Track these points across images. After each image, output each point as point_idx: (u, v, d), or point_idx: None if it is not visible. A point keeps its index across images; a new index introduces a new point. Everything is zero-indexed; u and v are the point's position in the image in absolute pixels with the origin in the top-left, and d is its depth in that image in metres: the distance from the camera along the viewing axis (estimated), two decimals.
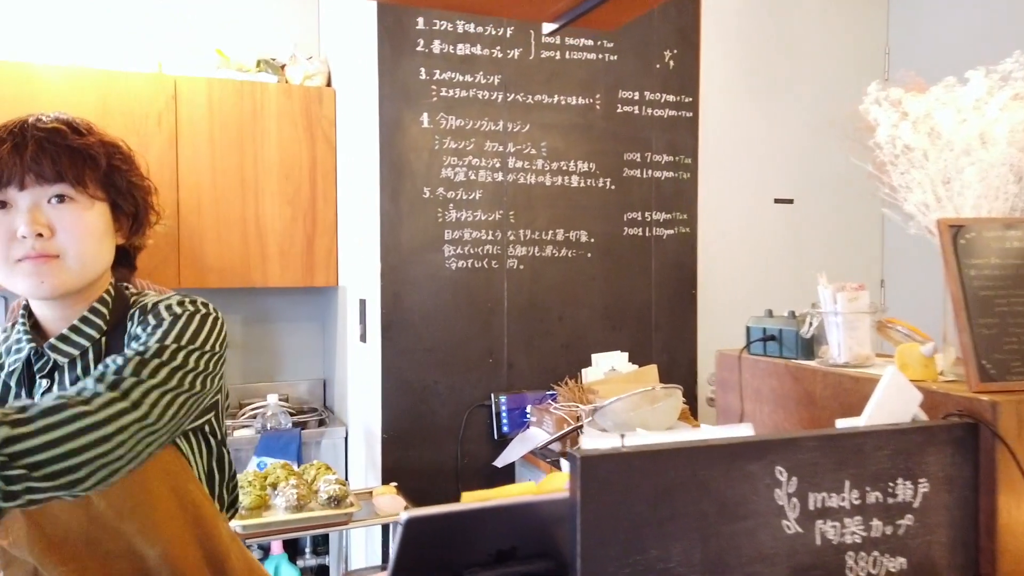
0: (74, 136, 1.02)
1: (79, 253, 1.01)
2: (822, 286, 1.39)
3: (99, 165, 1.03)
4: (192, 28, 3.25)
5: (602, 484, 0.90)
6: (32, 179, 0.98)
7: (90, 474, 0.87)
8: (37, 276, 0.99)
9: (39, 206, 0.99)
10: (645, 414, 2.31)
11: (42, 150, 0.98)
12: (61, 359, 1.04)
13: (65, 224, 1.00)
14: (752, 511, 0.97)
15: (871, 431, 1.04)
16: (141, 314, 1.07)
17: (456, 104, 2.66)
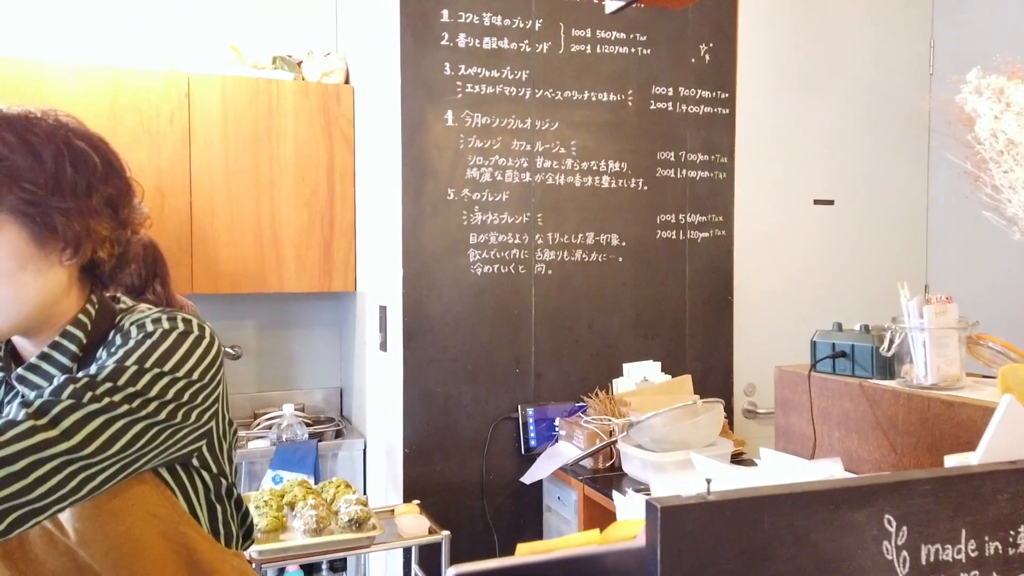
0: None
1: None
2: (904, 298, 1.24)
3: (14, 181, 0.83)
4: (206, 24, 3.14)
5: (686, 538, 0.76)
6: None
7: (1, 516, 0.74)
8: None
9: None
10: (685, 430, 2.17)
11: None
12: (28, 392, 0.89)
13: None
14: (856, 568, 0.83)
15: (989, 471, 0.89)
16: (115, 334, 0.93)
17: (482, 101, 2.53)
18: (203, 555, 0.95)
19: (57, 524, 0.88)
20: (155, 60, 2.90)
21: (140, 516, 0.89)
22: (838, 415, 1.38)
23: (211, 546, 0.96)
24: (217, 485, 1.00)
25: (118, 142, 2.83)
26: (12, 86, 2.63)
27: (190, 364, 0.90)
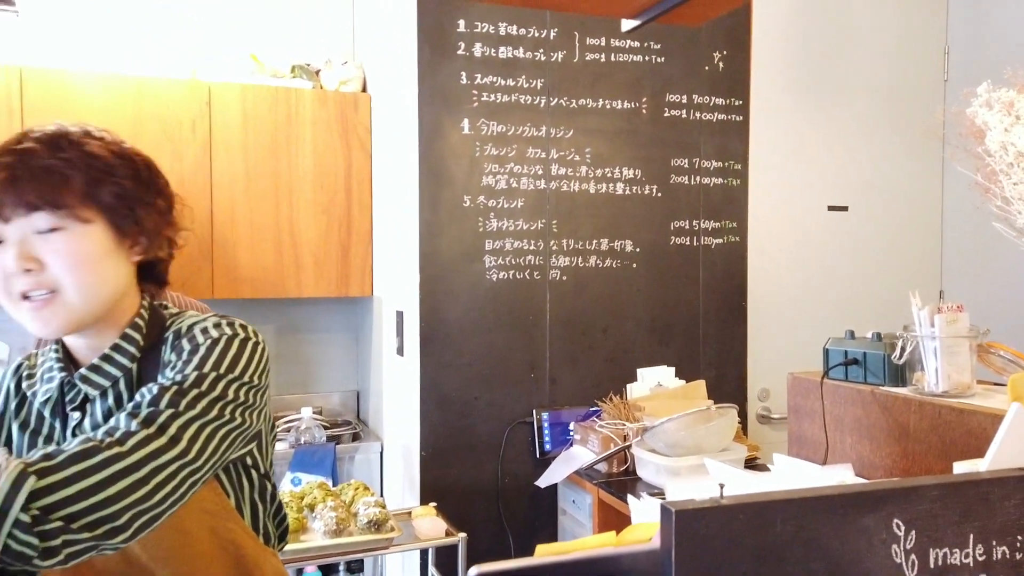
0: (47, 154, 0.90)
1: (77, 285, 0.91)
2: (916, 306, 1.26)
3: (72, 183, 0.90)
4: (227, 34, 3.19)
5: (700, 541, 0.79)
6: (11, 211, 0.88)
7: (130, 521, 0.80)
8: (40, 320, 0.91)
9: (27, 239, 0.89)
10: (699, 435, 2.19)
11: (12, 178, 0.88)
12: (92, 391, 0.96)
13: (56, 255, 0.90)
14: (866, 571, 0.85)
15: (997, 477, 0.91)
16: (175, 338, 0.98)
17: (498, 109, 2.57)
18: (247, 552, 0.99)
19: None
20: (177, 69, 2.96)
21: (192, 512, 0.93)
22: (850, 421, 1.40)
23: (255, 544, 1.00)
24: (262, 485, 1.04)
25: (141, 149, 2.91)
26: (40, 95, 2.69)
27: (252, 368, 0.97)
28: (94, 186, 0.92)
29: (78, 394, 0.97)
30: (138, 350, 0.98)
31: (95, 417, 0.96)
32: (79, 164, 0.92)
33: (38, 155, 0.90)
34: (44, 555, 0.75)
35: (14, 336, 3.00)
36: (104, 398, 0.97)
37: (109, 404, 0.96)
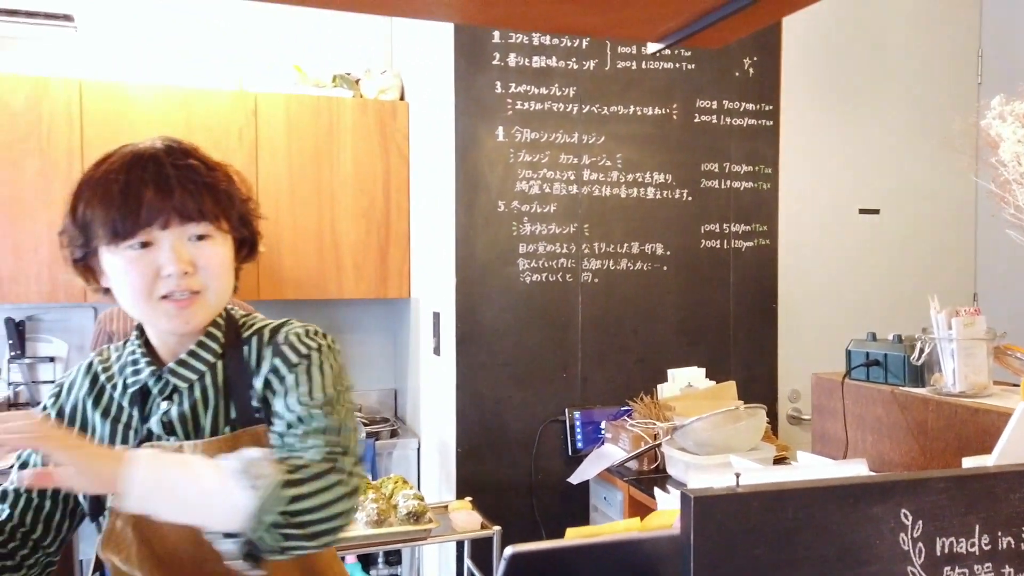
0: (205, 171, 1.02)
1: (217, 288, 1.03)
2: (934, 310, 1.31)
3: (233, 201, 1.05)
4: (271, 46, 3.33)
5: (717, 526, 0.86)
6: (177, 219, 0.99)
7: (337, 530, 0.94)
8: (181, 317, 1.01)
9: (181, 244, 1.00)
10: (727, 434, 2.25)
11: (187, 191, 0.99)
12: (181, 384, 1.05)
13: (205, 261, 1.01)
14: (875, 556, 0.91)
15: (1003, 472, 0.96)
16: (271, 344, 1.08)
17: (531, 117, 2.65)
18: None
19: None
20: (225, 81, 3.10)
21: None
22: (871, 420, 1.45)
23: None
24: None
25: None
26: (98, 106, 2.85)
27: (345, 373, 1.09)
28: (232, 201, 1.05)
29: (166, 385, 1.05)
30: (220, 347, 1.07)
31: (182, 407, 1.05)
32: (228, 183, 1.05)
33: (199, 171, 1.01)
34: (278, 551, 0.90)
35: (72, 335, 3.17)
36: (191, 391, 1.05)
37: (196, 397, 1.05)
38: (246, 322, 1.12)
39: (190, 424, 1.04)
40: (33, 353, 3.08)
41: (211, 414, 1.05)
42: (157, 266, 0.98)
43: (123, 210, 0.97)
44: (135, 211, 0.97)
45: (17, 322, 3.02)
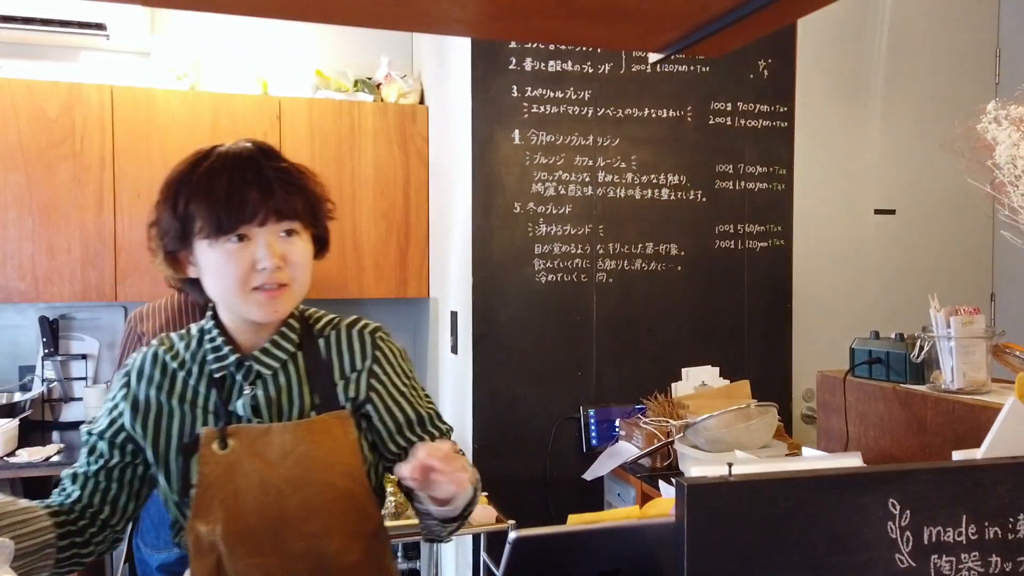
0: (298, 175, 1.12)
1: (302, 281, 1.13)
2: (934, 309, 1.34)
3: (319, 202, 1.15)
4: (294, 51, 3.41)
5: (709, 513, 0.91)
6: (273, 217, 1.08)
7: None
8: (271, 306, 1.10)
9: (274, 239, 1.09)
10: (739, 432, 2.28)
11: (284, 192, 1.08)
12: (265, 371, 1.14)
13: (293, 256, 1.10)
14: (864, 544, 0.95)
15: (989, 464, 1.00)
16: (359, 340, 1.20)
17: (547, 120, 2.70)
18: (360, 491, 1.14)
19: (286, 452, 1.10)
20: (250, 86, 3.18)
21: (339, 473, 1.11)
22: (874, 417, 1.48)
23: (366, 486, 1.16)
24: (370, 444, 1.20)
25: None
26: (129, 110, 2.95)
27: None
28: (318, 202, 1.15)
29: (249, 371, 1.13)
30: (298, 337, 1.17)
31: (268, 392, 1.13)
32: (317, 188, 1.15)
33: (292, 174, 1.11)
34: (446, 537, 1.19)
35: (103, 333, 3.28)
36: (275, 378, 1.14)
37: (280, 383, 1.14)
38: (312, 315, 1.22)
39: (275, 408, 1.13)
40: (66, 350, 3.19)
41: (297, 399, 1.14)
42: (253, 259, 1.07)
43: (228, 207, 1.05)
44: (239, 208, 1.05)
45: (51, 320, 3.13)
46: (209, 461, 1.08)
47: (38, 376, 3.12)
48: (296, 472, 1.08)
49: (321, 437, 1.11)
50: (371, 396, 1.17)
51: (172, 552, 2.36)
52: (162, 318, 2.41)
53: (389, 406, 1.18)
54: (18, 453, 2.61)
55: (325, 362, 1.17)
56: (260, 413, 1.13)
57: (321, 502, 1.09)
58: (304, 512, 1.08)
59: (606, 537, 1.00)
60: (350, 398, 1.16)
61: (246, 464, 1.08)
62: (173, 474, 1.11)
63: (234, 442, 1.08)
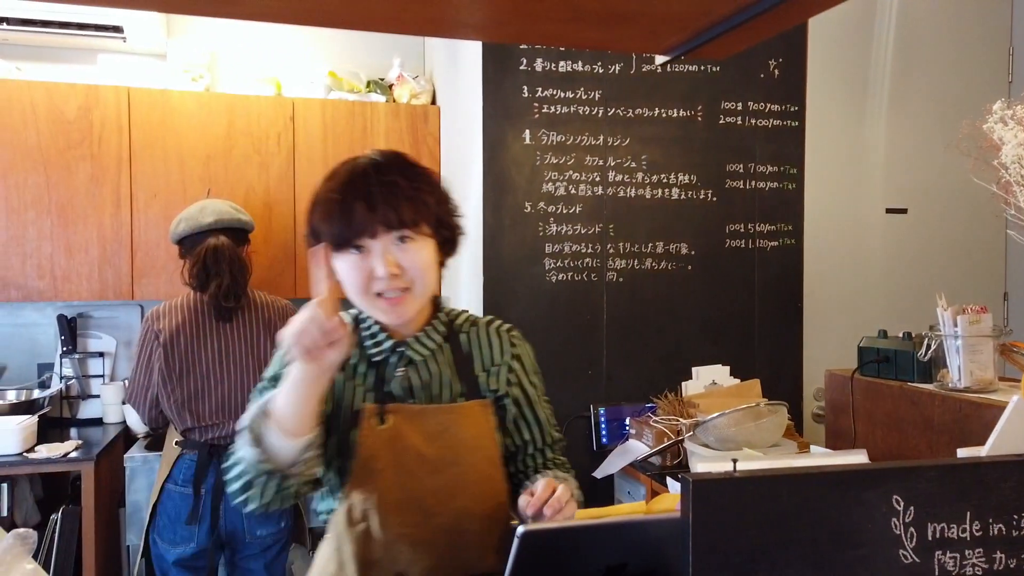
0: (409, 186, 1.17)
1: (423, 284, 1.19)
2: (941, 308, 1.35)
3: (430, 209, 1.19)
4: (308, 53, 3.44)
5: (714, 508, 0.92)
6: (383, 229, 1.15)
7: None
8: (394, 312, 1.18)
9: (389, 249, 1.15)
10: (748, 431, 2.28)
11: (389, 205, 1.15)
12: (417, 357, 1.24)
13: (409, 261, 1.17)
14: (867, 539, 0.96)
15: (994, 461, 1.01)
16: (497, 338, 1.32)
17: (557, 120, 2.72)
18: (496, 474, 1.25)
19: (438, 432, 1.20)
20: (264, 87, 3.22)
21: (484, 456, 1.22)
22: (881, 415, 1.49)
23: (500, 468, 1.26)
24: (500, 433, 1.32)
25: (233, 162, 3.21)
26: (146, 112, 2.99)
27: None
28: (428, 208, 1.20)
29: (402, 356, 1.24)
30: (446, 329, 1.28)
31: (422, 376, 1.24)
32: (430, 194, 1.20)
33: (400, 185, 1.16)
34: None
35: (120, 331, 3.32)
36: (427, 365, 1.25)
37: (432, 370, 1.25)
38: (451, 312, 1.33)
39: (427, 392, 1.24)
40: (84, 348, 3.24)
41: (447, 385, 1.25)
42: (370, 268, 1.15)
43: (340, 223, 1.14)
44: (348, 224, 1.14)
45: (69, 319, 3.18)
46: (369, 435, 1.17)
47: (56, 373, 3.17)
48: (446, 452, 1.19)
49: (468, 421, 1.22)
50: (509, 390, 1.28)
51: (188, 547, 2.40)
52: (179, 316, 2.45)
53: (520, 404, 1.30)
54: (37, 449, 2.66)
55: (467, 355, 1.28)
56: (414, 394, 1.23)
57: (467, 481, 1.19)
58: (452, 488, 1.18)
59: (613, 532, 1.01)
60: (491, 390, 1.27)
61: (403, 440, 1.18)
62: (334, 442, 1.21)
63: (392, 419, 1.18)
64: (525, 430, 1.32)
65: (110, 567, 2.86)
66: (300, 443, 1.09)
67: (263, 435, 1.10)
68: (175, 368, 2.41)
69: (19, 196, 2.90)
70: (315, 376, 1.06)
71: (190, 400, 2.42)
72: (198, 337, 2.44)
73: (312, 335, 1.02)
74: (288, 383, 1.08)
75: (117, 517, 2.90)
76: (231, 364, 2.46)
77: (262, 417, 1.10)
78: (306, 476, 1.13)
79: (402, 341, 1.24)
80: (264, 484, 1.11)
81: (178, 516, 2.39)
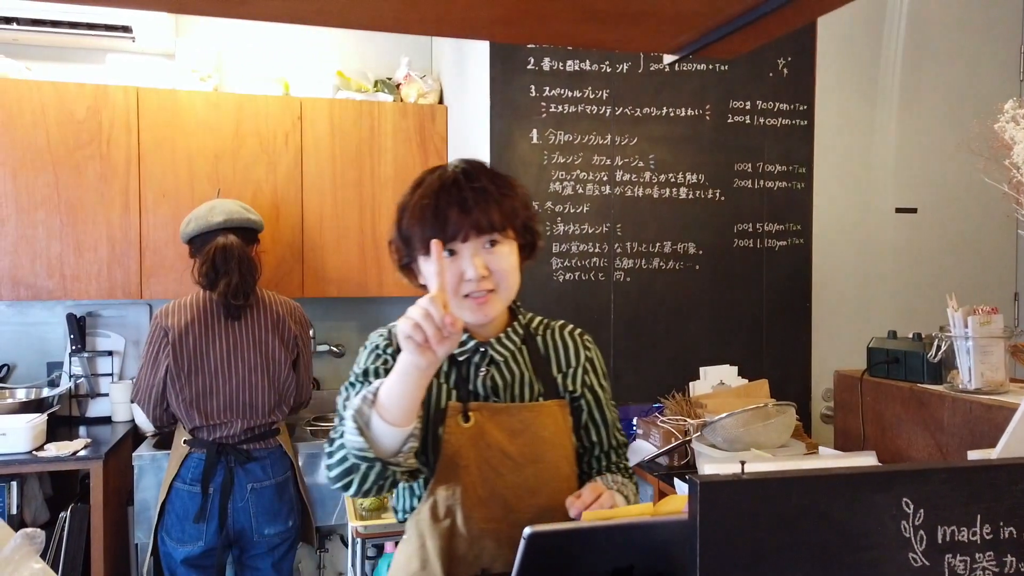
0: (498, 192, 1.23)
1: (508, 286, 1.25)
2: (951, 309, 1.34)
3: (517, 214, 1.25)
4: (316, 52, 3.45)
5: (722, 510, 0.92)
6: (474, 233, 1.20)
7: None
8: (480, 311, 1.23)
9: (478, 252, 1.21)
10: (756, 431, 2.28)
11: (482, 211, 1.20)
12: (498, 357, 1.30)
13: (497, 264, 1.22)
14: (876, 542, 0.96)
15: (1005, 464, 1.00)
16: (572, 342, 1.38)
17: (565, 119, 2.71)
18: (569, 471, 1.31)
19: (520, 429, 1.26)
20: (272, 87, 3.22)
21: (559, 424, 1.29)
22: (891, 417, 1.48)
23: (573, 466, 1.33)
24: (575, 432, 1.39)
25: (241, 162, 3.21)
26: (155, 111, 3.00)
27: None
28: (516, 213, 1.25)
29: (485, 355, 1.29)
30: (523, 331, 1.34)
31: (504, 376, 1.30)
32: (517, 201, 1.26)
33: (490, 191, 1.22)
34: None
35: (129, 330, 3.34)
36: (507, 365, 1.30)
37: (513, 370, 1.30)
38: (524, 315, 1.38)
39: (509, 391, 1.30)
40: (93, 347, 3.26)
41: (527, 385, 1.31)
42: (460, 271, 1.21)
43: (433, 227, 1.19)
44: (442, 228, 1.19)
45: (78, 318, 3.19)
46: (454, 431, 1.22)
47: (66, 372, 3.19)
48: (527, 449, 1.24)
49: (548, 420, 1.27)
50: (584, 392, 1.34)
51: (196, 545, 2.41)
52: (188, 314, 2.46)
53: (591, 405, 1.35)
54: (47, 447, 2.67)
55: (544, 356, 1.34)
56: (498, 393, 1.29)
57: (546, 479, 1.24)
58: (533, 485, 1.23)
59: (620, 533, 1.01)
60: (568, 391, 1.33)
61: (486, 437, 1.23)
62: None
63: (476, 416, 1.23)
64: (594, 432, 1.36)
65: (118, 565, 2.88)
66: (404, 432, 1.11)
67: (369, 422, 1.13)
68: (183, 366, 2.42)
69: (29, 196, 2.92)
70: (424, 368, 1.08)
71: (198, 398, 2.43)
72: (206, 335, 2.45)
73: (428, 329, 1.05)
74: (396, 374, 1.10)
75: (125, 515, 2.92)
76: (239, 362, 2.47)
77: (368, 406, 1.13)
78: (405, 466, 1.15)
79: (484, 341, 1.29)
80: (366, 471, 1.14)
81: (186, 515, 2.40)
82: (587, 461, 1.38)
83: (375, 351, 1.32)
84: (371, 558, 2.41)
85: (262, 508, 2.46)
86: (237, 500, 2.44)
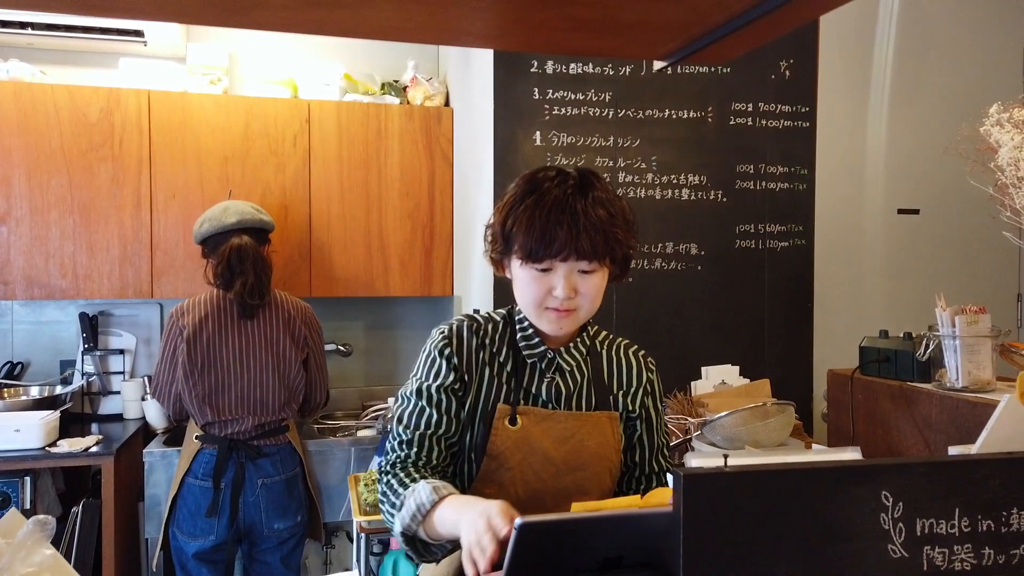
0: (609, 221, 1.23)
1: (589, 308, 1.27)
2: (939, 308, 1.37)
3: (620, 244, 1.26)
4: (323, 55, 3.50)
5: (705, 502, 0.95)
6: (574, 256, 1.21)
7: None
8: (558, 324, 1.26)
9: (572, 273, 1.23)
10: (756, 430, 2.30)
11: (587, 238, 1.21)
12: (565, 365, 1.33)
13: (585, 289, 1.24)
14: (857, 534, 0.99)
15: (982, 459, 1.03)
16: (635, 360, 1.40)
17: (568, 122, 2.74)
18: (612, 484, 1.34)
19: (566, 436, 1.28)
20: (280, 90, 3.27)
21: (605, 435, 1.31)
22: (881, 414, 1.51)
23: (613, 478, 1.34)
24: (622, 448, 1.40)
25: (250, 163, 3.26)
26: (166, 114, 3.06)
27: None
28: (620, 246, 1.26)
29: (551, 362, 1.32)
30: (591, 342, 1.37)
31: (568, 384, 1.33)
32: (622, 226, 1.25)
33: (603, 220, 1.22)
34: None
35: (140, 329, 3.40)
36: (571, 374, 1.33)
37: (575, 379, 1.33)
38: (593, 329, 1.41)
39: (570, 399, 1.32)
40: (104, 346, 3.32)
41: (585, 395, 1.33)
42: (550, 286, 1.23)
43: (540, 242, 1.21)
44: (549, 245, 1.21)
45: (90, 317, 3.25)
46: (500, 433, 1.25)
47: (78, 370, 3.25)
48: (572, 456, 1.26)
49: (595, 430, 1.29)
50: (641, 412, 1.37)
51: (208, 540, 2.46)
52: (201, 312, 2.51)
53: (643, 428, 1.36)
54: (59, 443, 2.73)
55: (607, 371, 1.36)
56: (559, 400, 1.31)
57: (587, 488, 1.26)
58: (576, 491, 1.24)
59: (609, 525, 1.04)
60: (625, 408, 1.36)
61: (532, 441, 1.25)
62: (469, 436, 1.29)
63: (523, 420, 1.26)
64: (638, 454, 1.37)
65: (129, 559, 2.93)
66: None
67: (416, 534, 1.19)
68: (197, 362, 2.47)
69: (43, 196, 2.98)
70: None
71: (211, 394, 2.48)
72: (220, 333, 2.50)
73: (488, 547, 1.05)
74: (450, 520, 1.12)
75: (136, 511, 2.97)
76: (251, 360, 2.52)
77: (416, 524, 1.18)
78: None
79: (554, 348, 1.31)
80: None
81: (198, 509, 2.45)
82: (625, 481, 1.38)
83: (430, 360, 1.35)
84: (376, 554, 2.46)
85: (272, 503, 2.51)
86: (248, 495, 2.49)
